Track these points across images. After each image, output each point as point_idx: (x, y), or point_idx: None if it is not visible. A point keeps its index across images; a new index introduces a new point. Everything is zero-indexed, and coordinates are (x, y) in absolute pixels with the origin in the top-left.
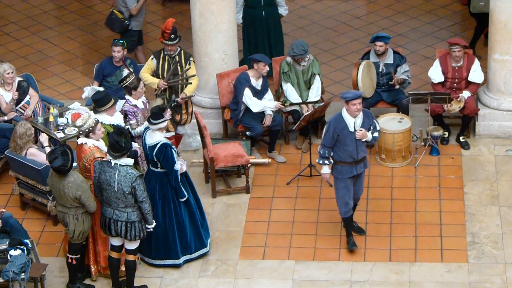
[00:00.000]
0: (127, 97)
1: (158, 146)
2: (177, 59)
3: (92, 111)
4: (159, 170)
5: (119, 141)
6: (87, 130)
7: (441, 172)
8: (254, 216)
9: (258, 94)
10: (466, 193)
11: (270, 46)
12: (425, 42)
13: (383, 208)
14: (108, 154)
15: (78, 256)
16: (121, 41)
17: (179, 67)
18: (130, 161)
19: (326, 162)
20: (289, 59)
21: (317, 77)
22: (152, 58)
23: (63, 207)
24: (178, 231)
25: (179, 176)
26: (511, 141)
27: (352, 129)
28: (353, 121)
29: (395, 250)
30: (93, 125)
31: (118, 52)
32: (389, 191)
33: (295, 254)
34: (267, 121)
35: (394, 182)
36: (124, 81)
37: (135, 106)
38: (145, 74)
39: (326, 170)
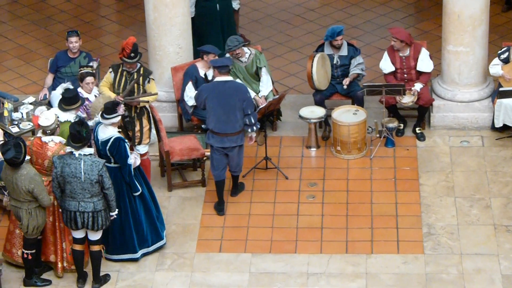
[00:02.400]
0: (79, 90)
1: (111, 140)
2: (135, 77)
3: (57, 108)
4: (112, 165)
5: (80, 131)
6: (55, 127)
7: (397, 164)
8: (210, 209)
9: None
10: (422, 184)
11: (224, 40)
12: (379, 34)
13: (338, 200)
14: (69, 146)
15: (33, 251)
16: (76, 31)
17: (136, 85)
18: (92, 150)
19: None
20: (228, 56)
21: (263, 70)
22: (110, 72)
23: (17, 202)
24: (134, 225)
25: (132, 170)
26: (465, 133)
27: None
28: None
29: (351, 242)
30: (58, 123)
31: (75, 42)
32: (344, 183)
33: (251, 247)
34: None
35: (350, 174)
36: (82, 69)
37: (87, 99)
38: (104, 88)
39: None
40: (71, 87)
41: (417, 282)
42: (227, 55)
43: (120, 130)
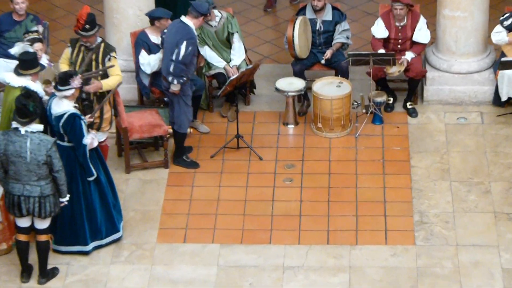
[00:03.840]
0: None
1: (65, 116)
2: (94, 54)
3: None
4: (65, 144)
5: (26, 104)
6: None
7: (385, 143)
8: (173, 194)
9: None
10: (413, 166)
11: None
12: None
13: (319, 184)
14: (14, 121)
15: None
16: None
17: (94, 64)
18: (40, 127)
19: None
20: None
21: (235, 36)
22: (68, 46)
23: None
24: (86, 214)
25: (87, 151)
26: (462, 108)
27: None
28: None
29: (334, 232)
30: None
31: (22, 2)
32: (326, 164)
33: (220, 237)
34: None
35: (332, 154)
36: (27, 35)
37: None
38: (62, 65)
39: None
40: (31, 49)
41: (407, 276)
42: None
43: (77, 106)
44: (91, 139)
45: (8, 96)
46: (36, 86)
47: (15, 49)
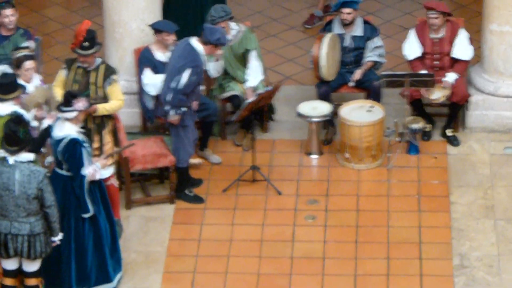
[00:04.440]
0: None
1: (65, 141)
2: (92, 76)
3: None
4: (63, 172)
5: (16, 131)
6: None
7: (421, 176)
8: (180, 233)
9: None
10: (453, 203)
11: (203, 15)
12: (403, 8)
13: (346, 223)
14: (2, 150)
15: None
16: (11, 2)
17: (93, 87)
18: (31, 156)
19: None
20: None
21: (253, 53)
22: (64, 68)
23: None
24: (75, 255)
25: (85, 183)
26: (510, 136)
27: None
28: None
29: (362, 277)
30: None
31: (11, 16)
32: (354, 200)
33: (233, 283)
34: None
35: (361, 188)
36: (17, 52)
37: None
38: (56, 89)
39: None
40: (9, 71)
41: None
42: None
43: (83, 131)
44: (93, 171)
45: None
46: (22, 111)
47: None
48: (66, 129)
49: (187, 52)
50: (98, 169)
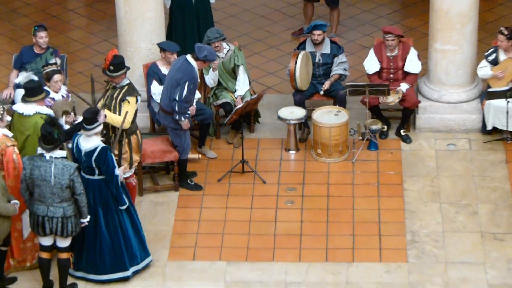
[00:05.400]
0: (46, 88)
1: (97, 151)
2: (116, 92)
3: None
4: (96, 177)
5: (51, 132)
6: None
7: (380, 168)
8: (183, 215)
9: None
10: (406, 189)
11: (200, 36)
12: (363, 31)
13: (318, 206)
14: (39, 148)
15: None
16: (44, 26)
17: (114, 101)
18: (64, 153)
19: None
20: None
21: (241, 68)
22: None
23: None
24: (123, 241)
25: (119, 182)
26: (452, 135)
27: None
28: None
29: (332, 250)
30: (1, 112)
31: (45, 37)
32: (325, 187)
33: (226, 255)
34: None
35: (331, 178)
36: (46, 67)
37: (53, 99)
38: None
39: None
40: (35, 77)
41: None
42: None
43: (103, 139)
44: (121, 172)
45: (26, 125)
46: (47, 110)
47: (20, 78)
48: (94, 141)
49: (185, 66)
50: (121, 171)
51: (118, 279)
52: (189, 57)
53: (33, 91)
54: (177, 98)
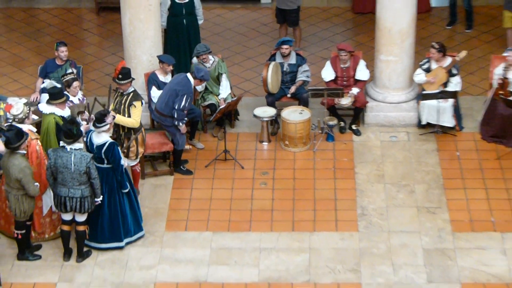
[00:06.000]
0: (66, 92)
1: (106, 145)
2: (124, 98)
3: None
4: (105, 166)
5: (71, 129)
6: (23, 117)
7: (336, 156)
8: (177, 194)
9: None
10: (357, 173)
11: (191, 50)
12: (322, 45)
13: (287, 186)
14: (61, 141)
15: (23, 231)
16: (64, 42)
17: (122, 106)
18: (81, 145)
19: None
20: (195, 60)
21: (224, 76)
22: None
23: (8, 186)
24: (121, 218)
25: (123, 170)
26: (394, 129)
27: None
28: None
29: (297, 222)
30: (27, 112)
31: (65, 51)
32: (292, 172)
33: (212, 226)
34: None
35: (296, 164)
36: (64, 76)
37: (71, 102)
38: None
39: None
40: (58, 84)
41: (352, 256)
42: (195, 59)
43: (113, 135)
44: (126, 162)
45: (44, 122)
46: (63, 112)
47: (46, 84)
48: (103, 137)
49: (185, 82)
50: (125, 160)
51: (113, 248)
52: (188, 75)
53: (56, 95)
54: (176, 108)
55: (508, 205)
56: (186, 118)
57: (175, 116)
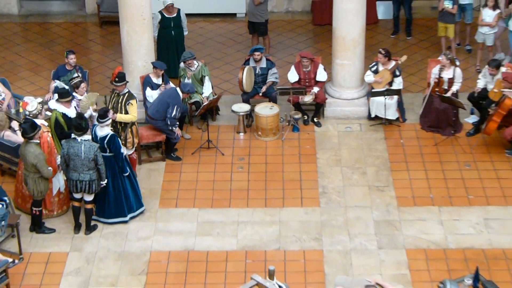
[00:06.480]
0: (73, 93)
1: (108, 136)
2: (120, 98)
3: (39, 99)
4: (107, 154)
5: (81, 123)
6: (36, 113)
7: (301, 144)
8: (168, 177)
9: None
10: (318, 158)
11: (178, 56)
12: (288, 52)
13: (260, 170)
14: (73, 134)
15: (40, 208)
16: (73, 51)
17: (120, 105)
18: (89, 137)
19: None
20: (182, 65)
21: (206, 78)
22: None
23: (26, 170)
24: (124, 197)
25: (123, 157)
26: (349, 121)
27: None
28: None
29: (269, 199)
30: (40, 109)
31: (74, 58)
32: (264, 157)
33: (198, 204)
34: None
35: (268, 151)
36: (72, 80)
37: (79, 100)
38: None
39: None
40: (66, 86)
41: (315, 227)
42: (182, 64)
43: (112, 128)
44: (125, 151)
45: (52, 117)
46: (68, 111)
47: (57, 83)
48: (105, 130)
49: (174, 95)
50: (125, 149)
51: (119, 222)
52: (178, 89)
53: (63, 95)
54: (168, 116)
55: (444, 184)
56: (178, 123)
57: (169, 123)
